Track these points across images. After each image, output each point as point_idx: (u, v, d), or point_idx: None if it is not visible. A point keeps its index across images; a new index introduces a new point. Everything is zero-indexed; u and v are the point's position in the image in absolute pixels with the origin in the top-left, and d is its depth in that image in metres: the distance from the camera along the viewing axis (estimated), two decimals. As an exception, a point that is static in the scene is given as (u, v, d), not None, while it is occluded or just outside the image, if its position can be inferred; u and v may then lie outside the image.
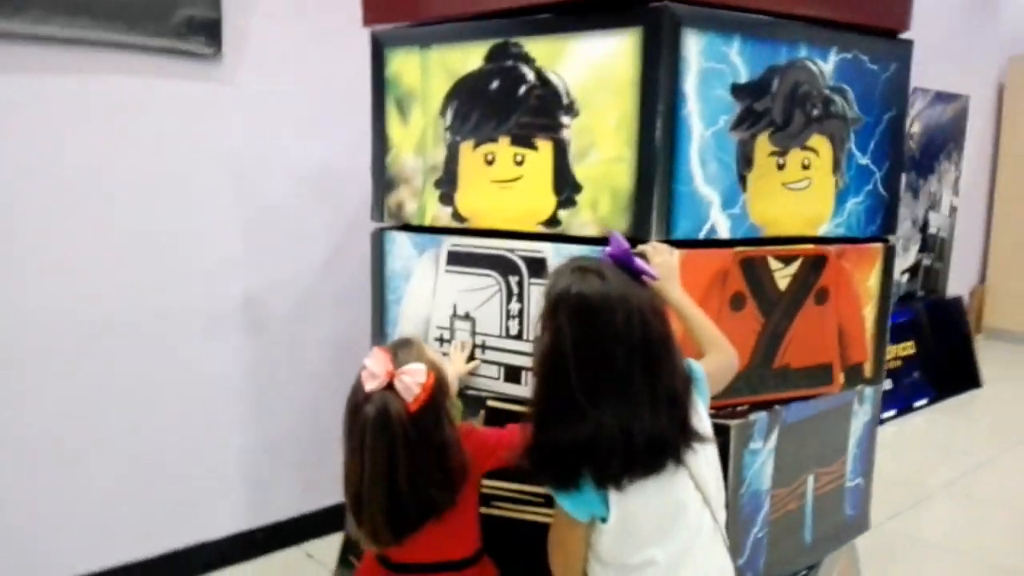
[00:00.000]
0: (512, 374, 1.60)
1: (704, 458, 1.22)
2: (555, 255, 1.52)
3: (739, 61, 1.48)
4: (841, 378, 1.75)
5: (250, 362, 2.45)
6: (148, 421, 2.25)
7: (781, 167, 1.58)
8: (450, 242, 1.61)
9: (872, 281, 1.77)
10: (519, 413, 1.62)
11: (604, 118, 1.47)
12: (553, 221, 1.55)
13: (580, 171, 1.51)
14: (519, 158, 1.57)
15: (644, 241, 1.43)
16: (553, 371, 1.13)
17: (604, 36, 1.46)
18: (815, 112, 1.60)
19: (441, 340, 1.65)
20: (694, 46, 1.43)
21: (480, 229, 1.61)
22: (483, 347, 1.61)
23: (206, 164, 2.28)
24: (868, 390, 1.85)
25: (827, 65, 1.59)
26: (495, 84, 1.58)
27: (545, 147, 1.54)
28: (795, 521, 1.75)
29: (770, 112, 1.54)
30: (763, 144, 1.55)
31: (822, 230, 1.66)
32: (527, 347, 1.53)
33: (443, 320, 1.65)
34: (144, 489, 2.26)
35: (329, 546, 2.63)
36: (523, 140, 1.56)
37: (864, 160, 1.69)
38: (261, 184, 2.40)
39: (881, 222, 1.74)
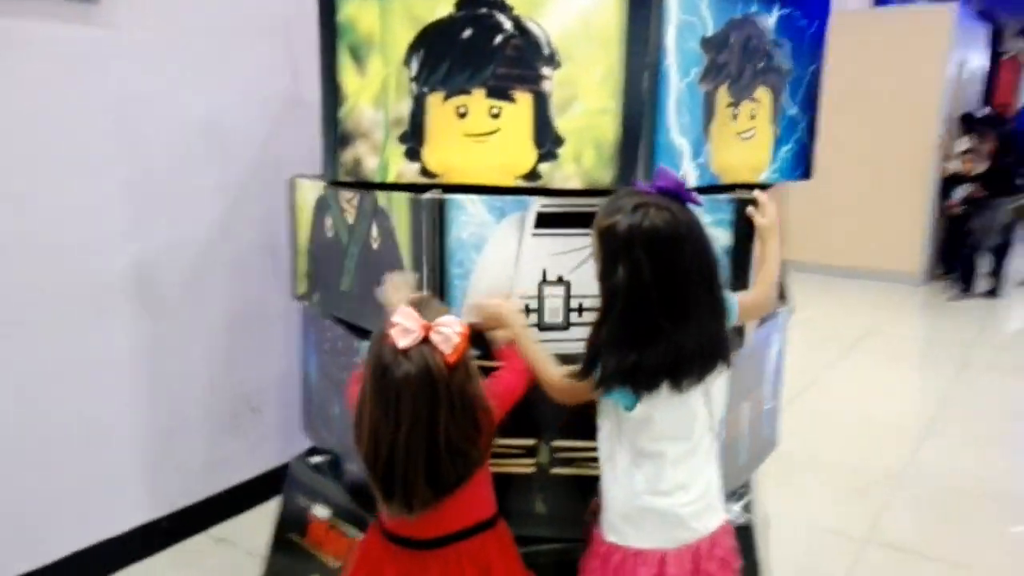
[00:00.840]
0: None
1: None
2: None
3: (708, 15, 1.54)
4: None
5: (139, 339, 2.22)
6: (29, 413, 1.99)
7: (735, 118, 1.67)
8: (540, 203, 1.51)
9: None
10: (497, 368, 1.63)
11: (588, 70, 1.48)
12: (533, 175, 1.54)
13: (562, 123, 1.51)
14: (495, 110, 1.54)
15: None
16: (634, 301, 1.20)
17: (587, -14, 1.45)
18: (760, 65, 1.70)
19: (528, 310, 1.55)
20: (674, -1, 1.46)
21: (564, 190, 1.53)
22: (580, 310, 1.56)
23: (83, 118, 2.01)
24: (782, 319, 2.04)
25: (771, 20, 1.70)
26: (468, 33, 1.52)
27: (524, 99, 1.52)
28: (736, 444, 1.91)
29: (728, 65, 1.62)
30: (723, 96, 1.63)
31: (762, 177, 1.79)
32: None
33: (529, 288, 1.54)
34: (30, 490, 2.01)
35: (241, 527, 2.49)
36: (500, 92, 1.52)
37: (793, 110, 1.83)
38: (145, 140, 2.15)
39: (804, 167, 1.91)
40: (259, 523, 2.46)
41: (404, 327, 1.22)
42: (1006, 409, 3.82)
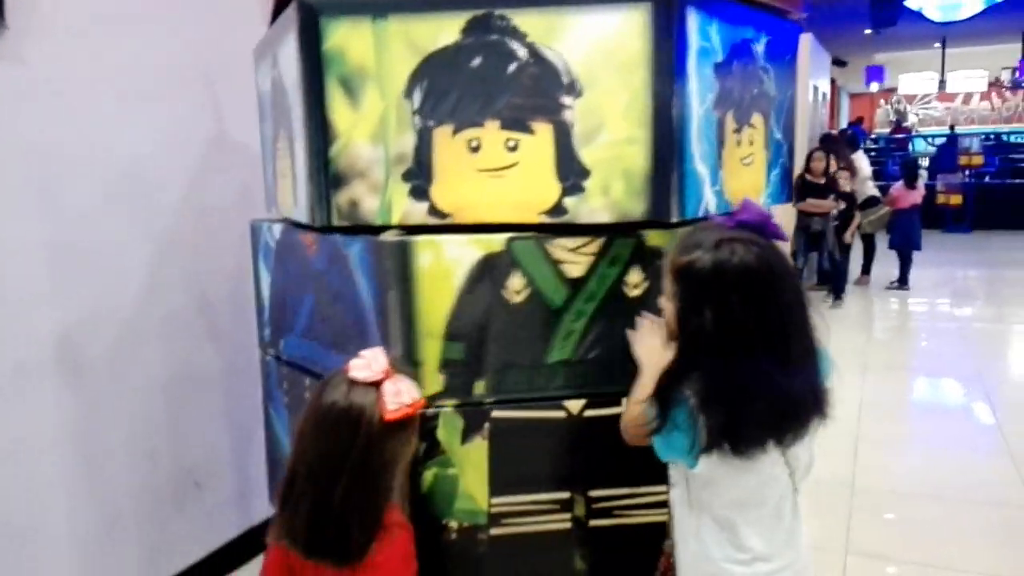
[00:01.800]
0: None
1: None
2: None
3: (717, 40, 1.51)
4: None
5: (66, 416, 1.93)
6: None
7: (739, 144, 1.65)
8: None
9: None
10: (527, 421, 1.51)
11: (613, 97, 1.40)
12: (558, 210, 1.44)
13: (587, 154, 1.42)
14: (512, 143, 1.42)
15: (662, 223, 1.42)
16: (729, 346, 1.09)
17: (608, 11, 1.38)
18: (755, 91, 1.69)
19: None
20: (693, 23, 1.42)
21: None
22: None
23: (-8, 167, 1.71)
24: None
25: (760, 46, 1.69)
26: (477, 61, 1.40)
27: (543, 130, 1.42)
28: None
29: (733, 91, 1.59)
30: (730, 122, 1.60)
31: (760, 201, 1.78)
32: None
33: None
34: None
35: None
36: (516, 123, 1.42)
37: (778, 134, 1.83)
38: (61, 190, 1.88)
39: (787, 191, 1.91)
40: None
41: (368, 362, 1.17)
42: (914, 406, 4.07)
